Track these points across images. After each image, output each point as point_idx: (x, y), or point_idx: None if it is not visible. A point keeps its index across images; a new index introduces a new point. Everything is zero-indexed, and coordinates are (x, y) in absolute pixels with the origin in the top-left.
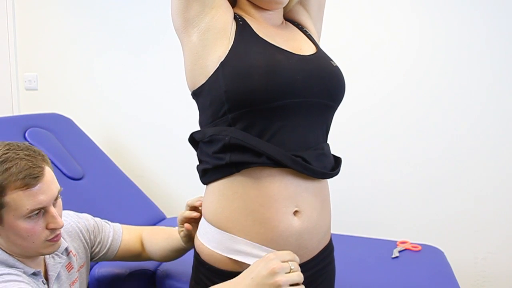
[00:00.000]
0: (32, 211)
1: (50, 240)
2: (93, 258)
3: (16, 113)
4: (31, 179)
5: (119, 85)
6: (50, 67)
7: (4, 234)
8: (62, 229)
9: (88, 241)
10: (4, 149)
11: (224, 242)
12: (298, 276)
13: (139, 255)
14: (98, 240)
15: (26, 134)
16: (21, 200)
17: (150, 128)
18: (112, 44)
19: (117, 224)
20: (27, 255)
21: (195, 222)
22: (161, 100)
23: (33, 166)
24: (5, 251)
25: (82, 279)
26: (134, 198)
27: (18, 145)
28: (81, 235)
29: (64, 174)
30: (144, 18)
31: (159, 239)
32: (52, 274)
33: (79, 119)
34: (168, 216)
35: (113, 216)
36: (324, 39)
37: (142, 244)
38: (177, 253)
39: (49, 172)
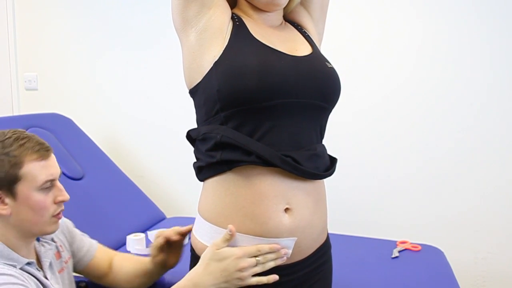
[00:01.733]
0: (46, 182)
1: (55, 216)
2: None
3: (16, 113)
4: (44, 151)
5: (119, 85)
6: (50, 67)
7: (15, 211)
8: None
9: (69, 240)
10: (12, 131)
11: (215, 236)
12: (260, 268)
13: (104, 276)
14: (75, 245)
15: None
16: (36, 171)
17: (150, 128)
18: (112, 44)
19: (94, 241)
20: (30, 235)
21: (171, 249)
22: (161, 100)
23: (43, 142)
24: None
25: (69, 270)
26: (134, 198)
27: (23, 130)
28: (65, 231)
29: (64, 174)
30: (144, 18)
31: (129, 264)
32: (45, 260)
33: (79, 119)
34: (168, 216)
35: (113, 216)
36: (325, 39)
37: (110, 267)
38: (143, 279)
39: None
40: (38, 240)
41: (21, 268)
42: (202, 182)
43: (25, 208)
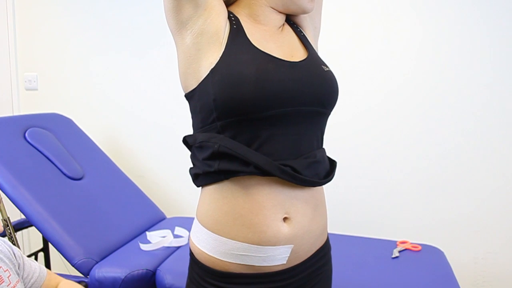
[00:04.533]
0: None
1: None
2: None
3: (16, 113)
4: None
5: (119, 85)
6: (50, 67)
7: None
8: None
9: (18, 264)
10: None
11: (212, 243)
12: None
13: None
14: (24, 271)
15: (26, 134)
16: None
17: (150, 128)
18: (112, 44)
19: (43, 267)
20: None
21: None
22: (162, 100)
23: None
24: None
25: None
26: (134, 198)
27: None
28: (10, 256)
29: (64, 174)
30: (145, 18)
31: None
32: None
33: (79, 119)
34: (168, 216)
35: (113, 216)
36: (325, 40)
37: None
38: None
39: None
40: None
41: None
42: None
43: None
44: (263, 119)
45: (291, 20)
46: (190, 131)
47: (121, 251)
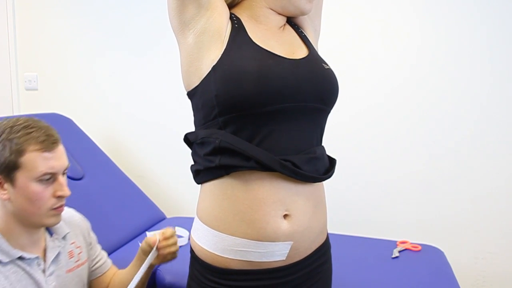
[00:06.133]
0: (45, 174)
1: (55, 209)
2: None
3: (16, 113)
4: (49, 143)
5: (119, 85)
6: (50, 67)
7: (13, 198)
8: (70, 220)
9: (89, 243)
10: (26, 119)
11: (212, 240)
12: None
13: None
14: (92, 251)
15: None
16: (37, 161)
17: (150, 128)
18: (112, 44)
19: (109, 259)
20: (28, 224)
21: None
22: (161, 100)
23: (52, 134)
24: None
25: (80, 273)
26: (134, 198)
27: (38, 120)
28: (85, 234)
29: None
30: (145, 18)
31: (122, 273)
32: (50, 255)
33: (79, 119)
34: (168, 216)
35: (113, 216)
36: (325, 39)
37: (109, 284)
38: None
39: (62, 146)
40: (51, 234)
41: (11, 261)
42: (200, 184)
43: (21, 196)
44: (264, 115)
45: (292, 21)
46: (190, 130)
47: (121, 251)
